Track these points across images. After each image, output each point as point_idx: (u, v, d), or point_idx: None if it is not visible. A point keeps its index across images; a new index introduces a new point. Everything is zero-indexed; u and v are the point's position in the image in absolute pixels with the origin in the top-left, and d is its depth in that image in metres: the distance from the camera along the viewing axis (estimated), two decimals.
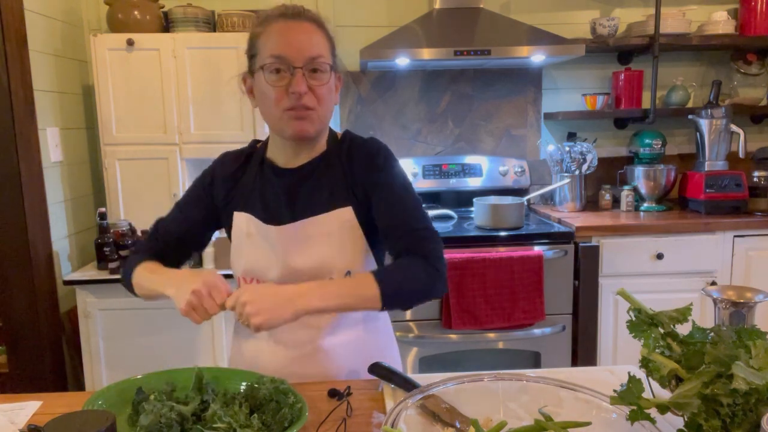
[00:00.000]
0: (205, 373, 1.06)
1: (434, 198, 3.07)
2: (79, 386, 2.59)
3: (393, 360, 1.33)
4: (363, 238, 1.23)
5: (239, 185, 1.28)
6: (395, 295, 1.12)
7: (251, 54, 1.20)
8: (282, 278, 1.21)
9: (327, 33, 1.20)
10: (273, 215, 1.23)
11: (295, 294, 1.07)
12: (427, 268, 1.15)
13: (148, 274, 1.21)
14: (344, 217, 1.21)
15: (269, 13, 1.18)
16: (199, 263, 2.48)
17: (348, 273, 1.22)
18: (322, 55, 1.16)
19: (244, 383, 1.06)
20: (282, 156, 1.26)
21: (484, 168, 3.05)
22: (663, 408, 0.81)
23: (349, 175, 1.22)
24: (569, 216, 2.77)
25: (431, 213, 2.92)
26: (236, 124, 2.57)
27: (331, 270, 1.21)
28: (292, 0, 1.50)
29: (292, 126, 1.16)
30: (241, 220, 1.26)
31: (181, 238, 1.31)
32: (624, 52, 3.11)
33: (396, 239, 1.19)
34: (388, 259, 1.27)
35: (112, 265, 2.42)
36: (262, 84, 1.17)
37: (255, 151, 1.31)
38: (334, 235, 1.20)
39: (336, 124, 1.15)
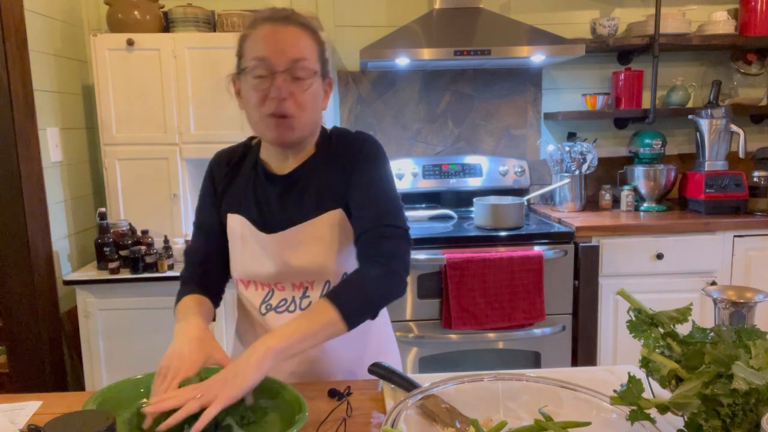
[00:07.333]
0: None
1: (434, 198, 3.07)
2: (79, 386, 2.58)
3: (393, 360, 1.33)
4: None
5: (233, 185, 1.27)
6: (357, 311, 1.08)
7: (239, 56, 1.19)
8: (279, 275, 1.22)
9: (317, 38, 1.17)
10: (266, 222, 1.22)
11: (251, 349, 0.98)
12: (384, 272, 1.11)
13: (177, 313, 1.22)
14: (334, 220, 1.20)
15: (257, 16, 1.16)
16: None
17: (344, 275, 1.21)
18: (306, 59, 1.12)
19: None
20: (273, 159, 1.25)
21: (484, 168, 3.05)
22: (663, 408, 0.81)
23: (340, 172, 1.21)
24: (569, 216, 2.77)
25: (431, 213, 2.93)
26: (236, 124, 2.57)
27: (325, 271, 1.21)
28: (291, 3, 1.49)
29: (272, 132, 1.15)
30: (235, 222, 1.25)
31: (213, 251, 1.29)
32: (624, 52, 3.11)
33: (361, 230, 1.16)
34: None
35: (112, 265, 2.42)
36: (245, 86, 1.16)
37: (250, 150, 1.30)
38: (325, 238, 1.20)
39: (336, 125, 1.15)
